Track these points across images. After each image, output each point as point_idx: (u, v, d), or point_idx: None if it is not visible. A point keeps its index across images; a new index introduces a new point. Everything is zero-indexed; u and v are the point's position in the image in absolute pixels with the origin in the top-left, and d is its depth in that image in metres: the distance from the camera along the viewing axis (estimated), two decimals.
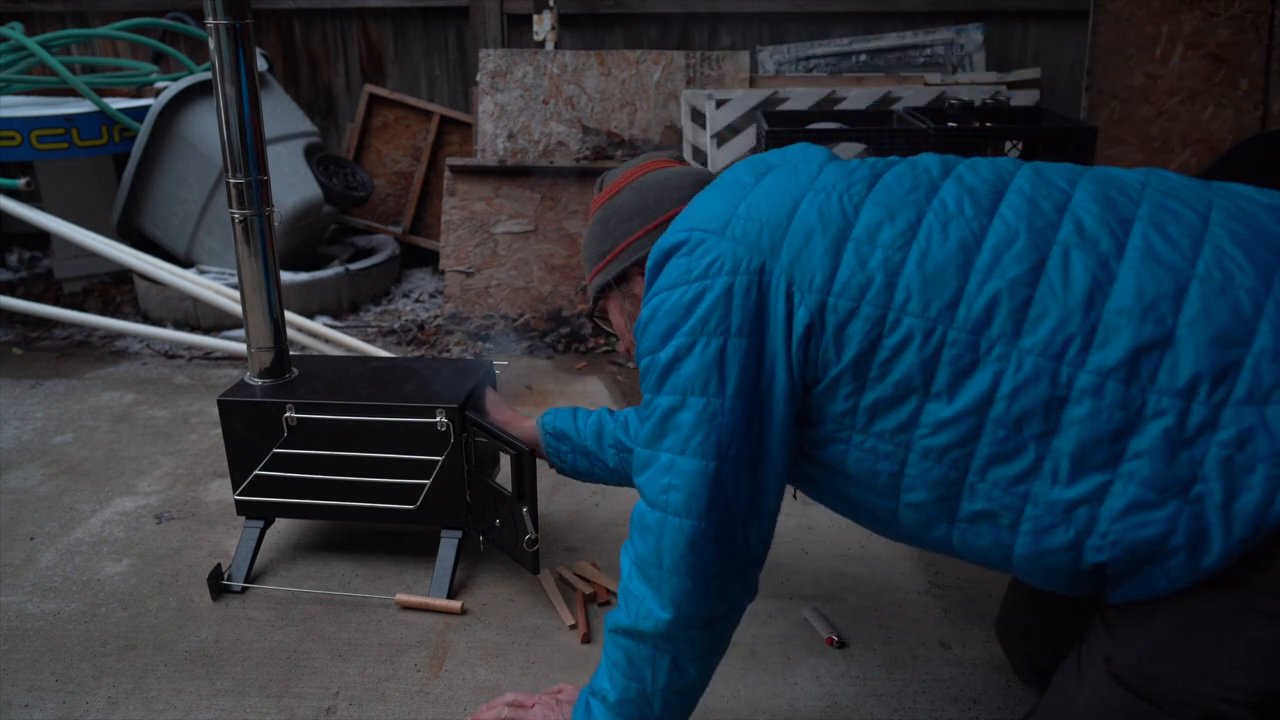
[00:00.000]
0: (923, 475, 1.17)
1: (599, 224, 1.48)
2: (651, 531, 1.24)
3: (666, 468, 1.22)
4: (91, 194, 4.00)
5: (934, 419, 1.14)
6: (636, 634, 1.27)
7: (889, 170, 1.25)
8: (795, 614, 1.84)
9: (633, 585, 1.27)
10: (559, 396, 2.89)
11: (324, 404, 1.90)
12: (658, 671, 1.27)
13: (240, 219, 1.91)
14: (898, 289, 1.14)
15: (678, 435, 1.21)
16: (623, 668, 1.29)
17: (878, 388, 1.16)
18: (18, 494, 2.37)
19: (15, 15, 4.22)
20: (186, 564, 2.06)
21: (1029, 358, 1.09)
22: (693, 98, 3.60)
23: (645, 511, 1.25)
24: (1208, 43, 3.32)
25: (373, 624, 1.84)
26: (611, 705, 1.31)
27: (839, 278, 1.16)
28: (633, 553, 1.28)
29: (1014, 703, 1.60)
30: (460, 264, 3.61)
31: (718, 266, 1.20)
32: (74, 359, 3.29)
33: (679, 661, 1.27)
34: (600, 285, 1.49)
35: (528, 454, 1.73)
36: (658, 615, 1.24)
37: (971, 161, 1.27)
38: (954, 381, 1.13)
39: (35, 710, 1.62)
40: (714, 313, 1.19)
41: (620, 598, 1.30)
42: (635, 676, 1.29)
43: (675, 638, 1.25)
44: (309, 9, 4.23)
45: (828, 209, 1.20)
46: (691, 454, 1.20)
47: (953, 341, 1.12)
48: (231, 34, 1.81)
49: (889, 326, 1.14)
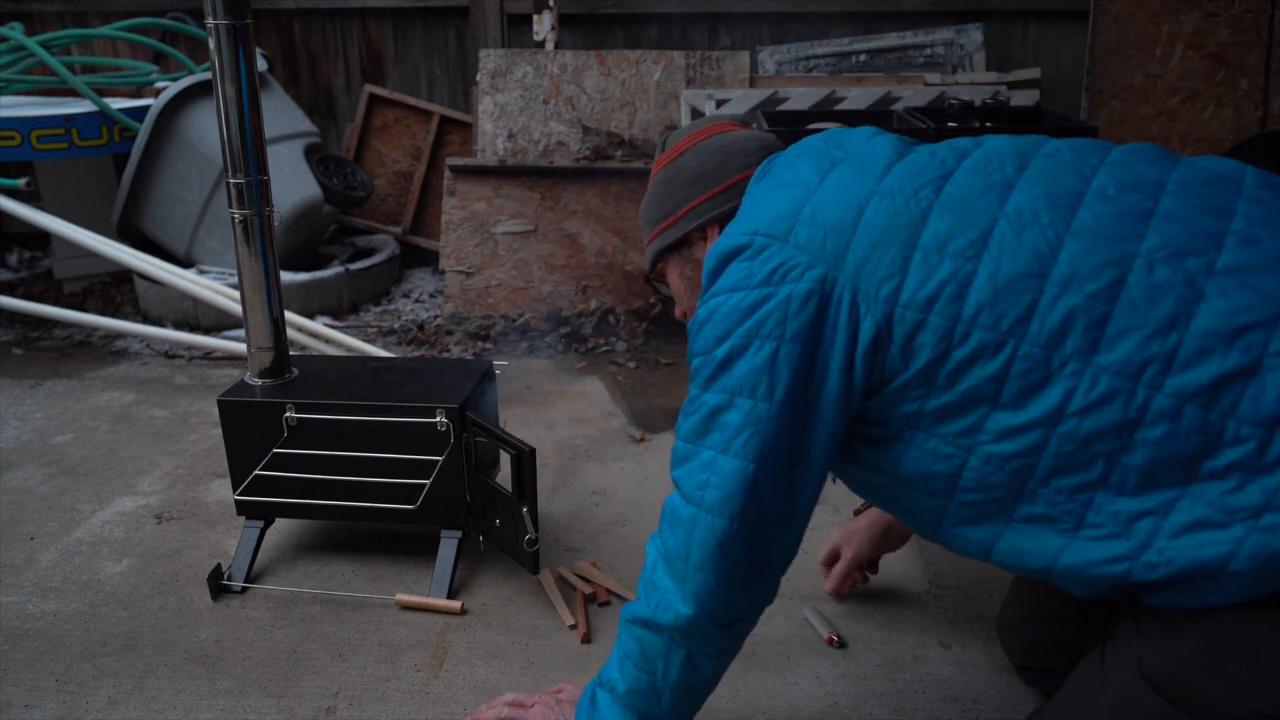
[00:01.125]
0: (982, 479, 1.15)
1: (660, 186, 1.44)
2: (683, 526, 1.22)
3: (706, 464, 1.20)
4: (91, 194, 4.00)
5: (1000, 426, 1.12)
6: (654, 625, 1.25)
7: (959, 166, 1.19)
8: (795, 614, 1.84)
9: (656, 577, 1.25)
10: (559, 396, 2.89)
11: (324, 404, 1.90)
12: (670, 665, 1.26)
13: (240, 219, 1.91)
14: (968, 301, 1.10)
15: (722, 434, 1.19)
16: (635, 659, 1.28)
17: (945, 395, 1.14)
18: (18, 494, 2.37)
19: (15, 15, 4.22)
20: (186, 564, 2.06)
21: (1104, 376, 1.05)
22: (693, 98, 3.60)
23: (679, 505, 1.23)
24: (1208, 43, 3.32)
25: (373, 624, 1.84)
26: (620, 696, 1.30)
27: (906, 289, 1.13)
28: (660, 544, 1.26)
29: (1014, 703, 1.60)
30: (460, 264, 3.61)
31: (780, 274, 1.17)
32: (74, 359, 3.29)
33: (693, 657, 1.26)
34: (660, 249, 1.46)
35: (528, 454, 1.73)
36: (679, 609, 1.22)
37: (1051, 149, 1.20)
38: (1023, 394, 1.10)
39: (35, 710, 1.62)
40: (771, 318, 1.16)
41: (641, 588, 1.29)
42: (647, 669, 1.27)
43: (693, 633, 1.24)
44: (309, 9, 4.23)
45: (894, 216, 1.15)
46: (733, 454, 1.18)
47: (1024, 356, 1.09)
48: (231, 34, 1.81)
49: (958, 339, 1.11)
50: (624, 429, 2.67)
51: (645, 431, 2.64)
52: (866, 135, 1.29)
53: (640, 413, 2.77)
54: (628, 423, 2.71)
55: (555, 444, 2.57)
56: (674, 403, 2.84)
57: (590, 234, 3.60)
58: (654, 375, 3.06)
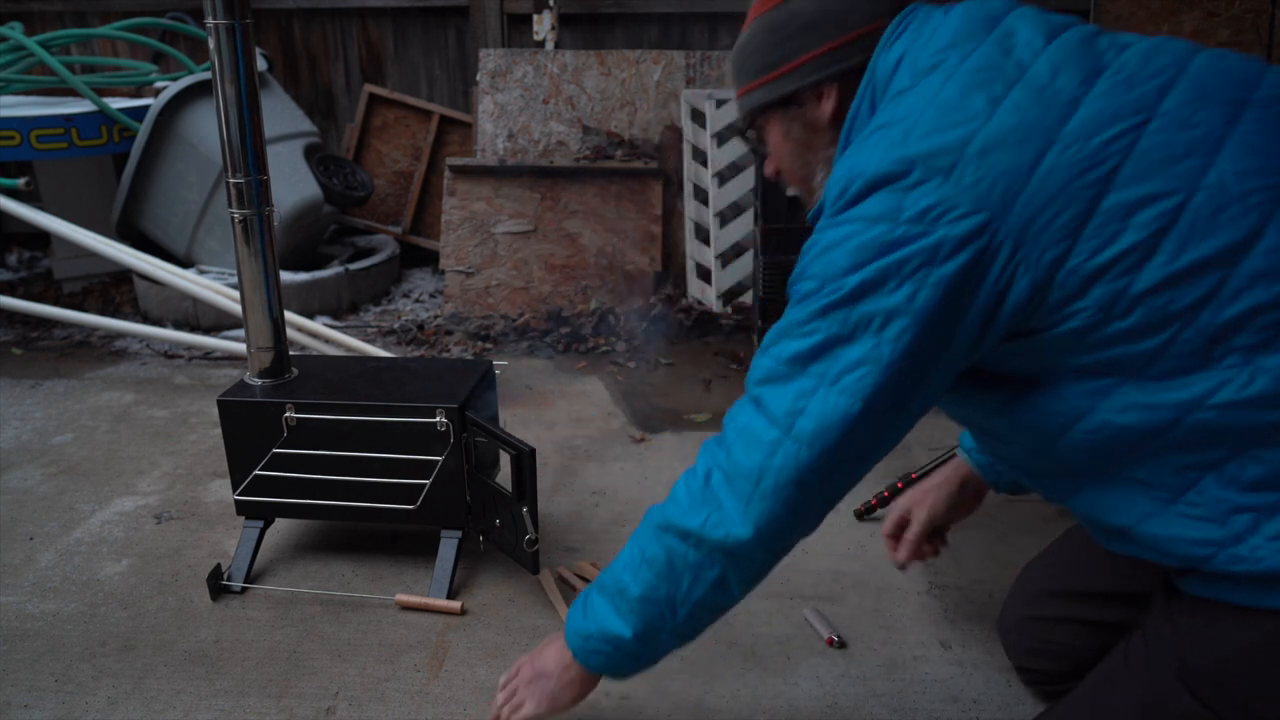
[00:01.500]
0: (1089, 439, 1.07)
1: (765, 32, 1.26)
2: (760, 449, 1.12)
3: (806, 392, 1.09)
4: (91, 194, 4.00)
5: (1130, 401, 1.04)
6: (694, 538, 1.16)
7: (1159, 105, 1.02)
8: (795, 614, 1.84)
9: (719, 491, 1.15)
10: (559, 396, 2.89)
11: (324, 404, 1.90)
12: (699, 582, 1.18)
13: (240, 219, 1.91)
14: (1140, 278, 1.00)
15: (832, 365, 1.08)
16: (658, 567, 1.19)
17: (1086, 358, 1.05)
18: (17, 494, 2.37)
19: (15, 15, 4.22)
20: (186, 564, 2.05)
21: (1263, 376, 0.98)
22: (693, 97, 3.60)
23: (760, 426, 1.13)
24: (1208, 43, 3.32)
25: (372, 624, 1.84)
26: (629, 600, 1.22)
27: (1076, 255, 1.01)
28: (724, 459, 1.16)
29: (1015, 703, 1.60)
30: (460, 264, 3.61)
31: (935, 215, 1.02)
32: (73, 359, 3.28)
33: (727, 578, 1.18)
34: (761, 104, 1.29)
35: (528, 454, 1.73)
36: (735, 531, 1.13)
37: (1271, 93, 1.04)
38: (1169, 375, 1.02)
39: (34, 710, 1.62)
40: (915, 260, 1.03)
41: (685, 495, 1.19)
42: (671, 579, 1.19)
43: (741, 557, 1.16)
44: (309, 9, 4.23)
45: (1077, 173, 1.00)
46: (840, 390, 1.08)
47: (1185, 341, 1.00)
48: (231, 34, 1.81)
49: (1119, 313, 1.01)
50: (624, 429, 2.67)
51: (645, 431, 2.64)
52: (1035, 33, 1.09)
53: (640, 413, 2.77)
54: (628, 423, 2.71)
55: (555, 444, 2.56)
56: (674, 403, 2.84)
57: (590, 234, 3.60)
58: (654, 375, 3.06)
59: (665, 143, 3.69)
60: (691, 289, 3.56)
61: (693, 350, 3.27)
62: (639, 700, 1.62)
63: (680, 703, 1.62)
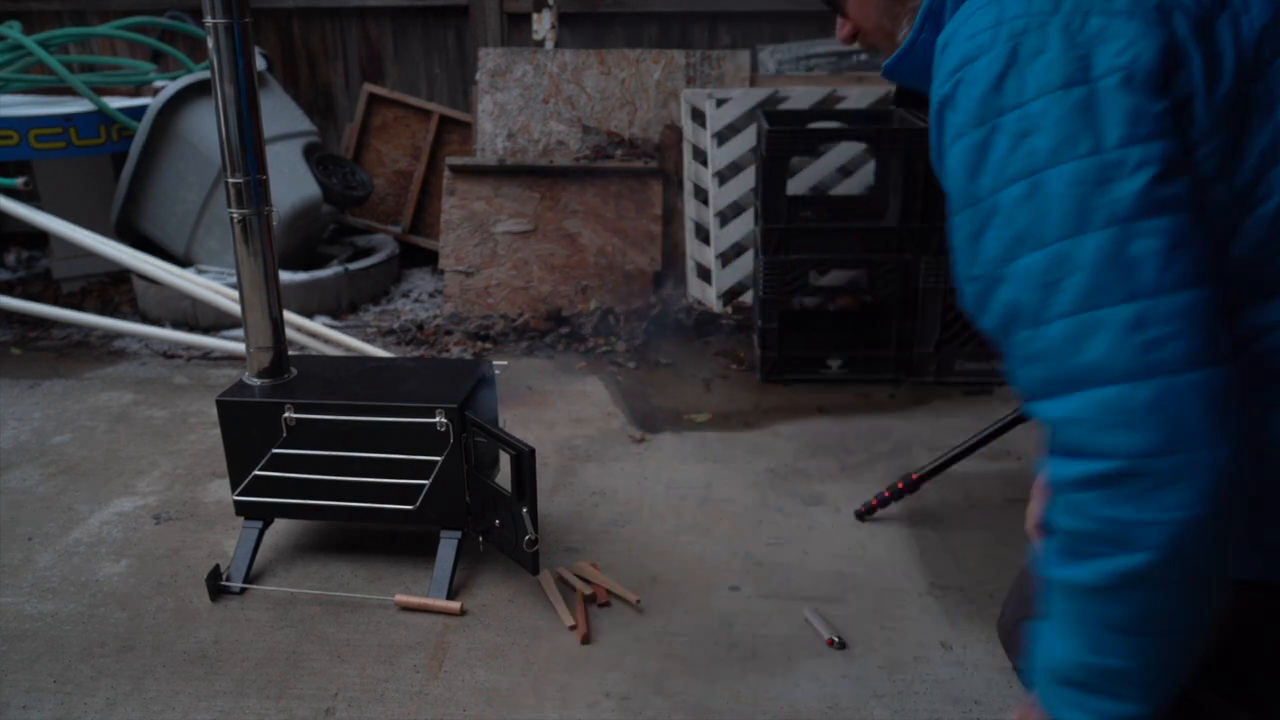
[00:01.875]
0: None
1: None
2: (1151, 411, 0.87)
3: (1138, 321, 0.88)
4: (90, 193, 3.99)
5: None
6: (1141, 576, 0.89)
7: None
8: (796, 614, 1.84)
9: (1116, 512, 0.89)
10: (559, 397, 2.88)
11: (323, 404, 1.90)
12: (1188, 603, 0.91)
13: (239, 218, 1.90)
14: None
15: (1146, 272, 0.88)
16: (1132, 626, 0.93)
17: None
18: (16, 494, 2.36)
19: (13, 14, 4.21)
20: (185, 564, 2.05)
21: None
22: (693, 97, 3.60)
23: (1126, 395, 0.88)
24: None
25: (372, 625, 1.83)
26: (1127, 684, 0.94)
27: None
28: (1102, 464, 0.89)
29: (1015, 704, 1.59)
30: (460, 264, 3.61)
31: None
32: (72, 359, 3.28)
33: (1221, 553, 0.91)
34: None
35: (527, 454, 1.73)
36: (1185, 516, 0.87)
37: None
38: None
39: (33, 711, 1.62)
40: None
41: (1068, 544, 0.94)
42: (1159, 629, 0.93)
43: (1212, 535, 0.88)
44: (308, 8, 4.23)
45: None
46: (1170, 288, 0.88)
47: None
48: (230, 33, 1.81)
49: None
50: (624, 429, 2.66)
51: (645, 431, 2.63)
52: None
53: (640, 413, 2.77)
54: (628, 423, 2.70)
55: (555, 444, 2.56)
56: (674, 403, 2.83)
57: (590, 234, 3.59)
58: (654, 375, 3.06)
59: (665, 142, 3.69)
60: (692, 289, 3.56)
61: (693, 350, 3.27)
62: (639, 700, 1.62)
63: (680, 703, 1.61)
